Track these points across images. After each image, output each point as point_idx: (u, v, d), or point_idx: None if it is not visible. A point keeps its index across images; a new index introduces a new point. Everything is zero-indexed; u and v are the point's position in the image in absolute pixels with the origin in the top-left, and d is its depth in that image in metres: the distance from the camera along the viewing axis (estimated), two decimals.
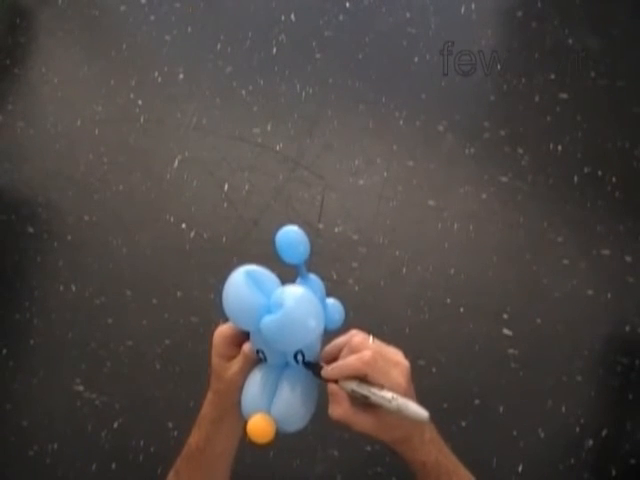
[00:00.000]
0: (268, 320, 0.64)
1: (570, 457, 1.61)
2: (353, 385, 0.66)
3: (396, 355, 0.69)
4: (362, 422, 0.67)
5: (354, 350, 0.68)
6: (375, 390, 0.65)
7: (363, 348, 0.67)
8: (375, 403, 0.65)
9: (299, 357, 0.69)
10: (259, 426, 0.67)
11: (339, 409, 0.67)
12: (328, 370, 0.68)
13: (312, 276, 0.74)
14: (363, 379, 0.66)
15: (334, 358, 0.70)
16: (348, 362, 0.67)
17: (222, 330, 0.75)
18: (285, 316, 0.64)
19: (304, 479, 1.60)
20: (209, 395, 0.78)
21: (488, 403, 1.65)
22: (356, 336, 0.70)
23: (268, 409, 0.69)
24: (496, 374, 1.68)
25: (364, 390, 0.65)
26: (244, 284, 0.66)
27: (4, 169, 1.93)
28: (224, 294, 0.67)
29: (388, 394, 0.65)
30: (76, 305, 1.76)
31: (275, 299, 0.66)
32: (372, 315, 1.73)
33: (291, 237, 0.70)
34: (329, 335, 0.73)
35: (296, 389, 0.70)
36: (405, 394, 0.66)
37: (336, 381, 0.67)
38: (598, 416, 1.65)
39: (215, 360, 0.75)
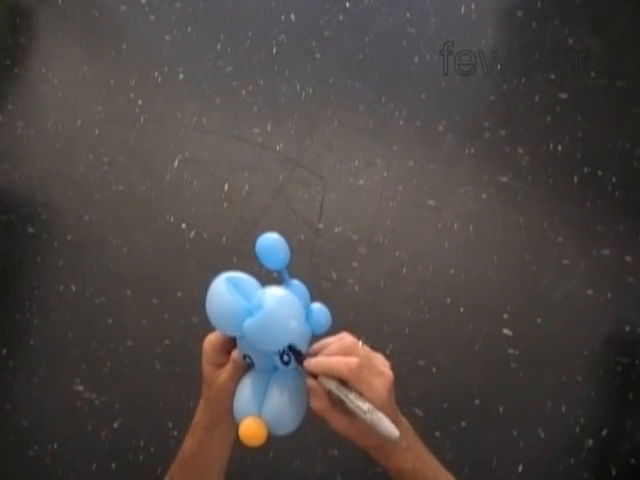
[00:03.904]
0: (249, 322, 0.65)
1: (570, 457, 1.61)
2: (332, 385, 0.66)
3: (381, 365, 0.69)
4: (337, 421, 0.67)
5: (344, 351, 0.67)
6: (353, 397, 0.65)
7: (353, 352, 0.67)
8: (350, 409, 0.65)
9: (285, 358, 0.69)
10: (251, 429, 0.68)
11: (317, 403, 0.67)
12: (311, 362, 0.68)
13: (295, 282, 0.74)
14: (343, 382, 0.66)
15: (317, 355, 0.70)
16: (333, 362, 0.66)
17: (211, 338, 0.75)
18: (265, 316, 0.65)
19: (304, 479, 1.60)
20: (201, 402, 0.78)
21: (488, 403, 1.65)
22: (347, 338, 0.70)
23: (259, 413, 0.70)
24: (496, 374, 1.68)
25: (342, 394, 0.65)
26: (225, 290, 0.67)
27: (4, 169, 1.93)
28: (207, 302, 0.69)
29: (365, 405, 0.64)
30: (76, 305, 1.76)
31: (255, 301, 0.66)
32: (372, 315, 1.73)
33: (271, 243, 0.71)
34: (319, 338, 0.73)
35: (285, 392, 0.71)
36: (383, 405, 0.66)
37: (316, 376, 0.67)
38: (598, 416, 1.65)
39: (205, 368, 0.76)
